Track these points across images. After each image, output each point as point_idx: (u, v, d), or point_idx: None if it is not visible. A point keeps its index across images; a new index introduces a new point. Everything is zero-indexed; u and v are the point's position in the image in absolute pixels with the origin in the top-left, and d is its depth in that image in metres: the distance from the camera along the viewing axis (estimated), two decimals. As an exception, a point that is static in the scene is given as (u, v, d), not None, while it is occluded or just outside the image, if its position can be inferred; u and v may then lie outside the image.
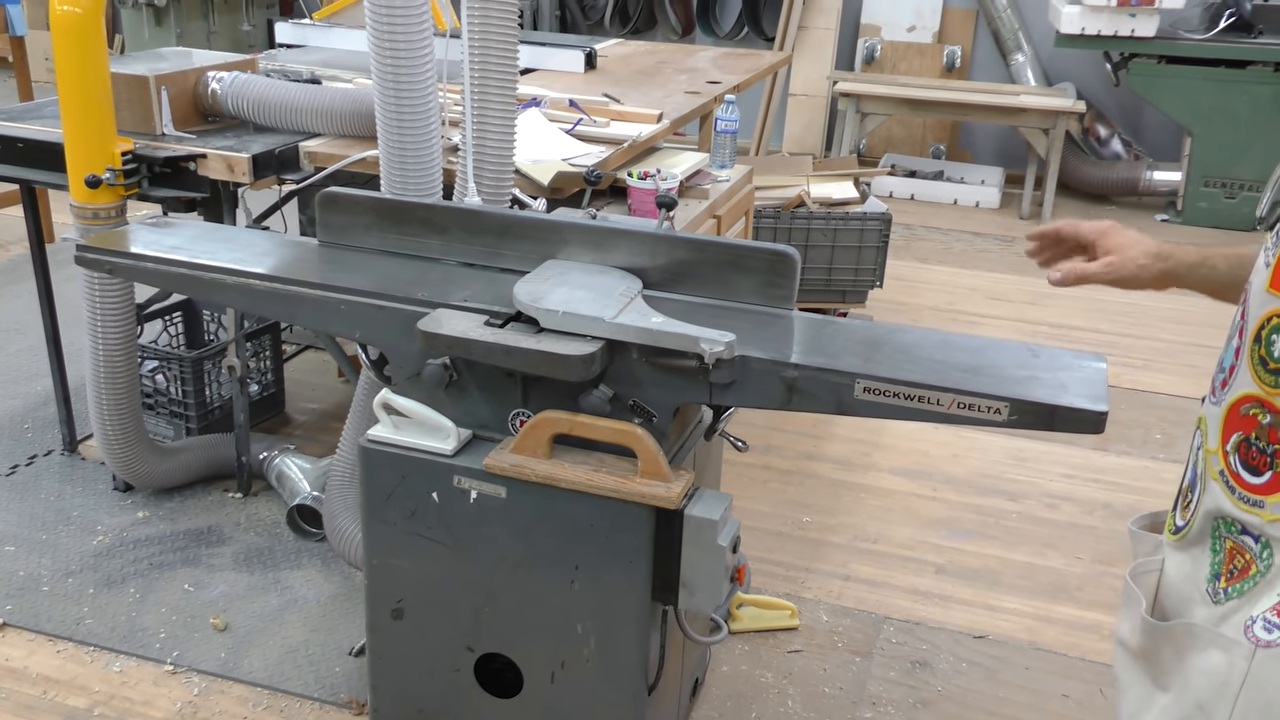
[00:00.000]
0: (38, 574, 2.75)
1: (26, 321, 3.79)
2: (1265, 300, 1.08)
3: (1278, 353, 1.05)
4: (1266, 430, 1.07)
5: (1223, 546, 1.15)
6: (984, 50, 6.58)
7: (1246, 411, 1.09)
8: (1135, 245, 1.48)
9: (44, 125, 2.87)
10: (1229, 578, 1.13)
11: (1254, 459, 1.09)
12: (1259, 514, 1.09)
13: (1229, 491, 1.12)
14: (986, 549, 3.01)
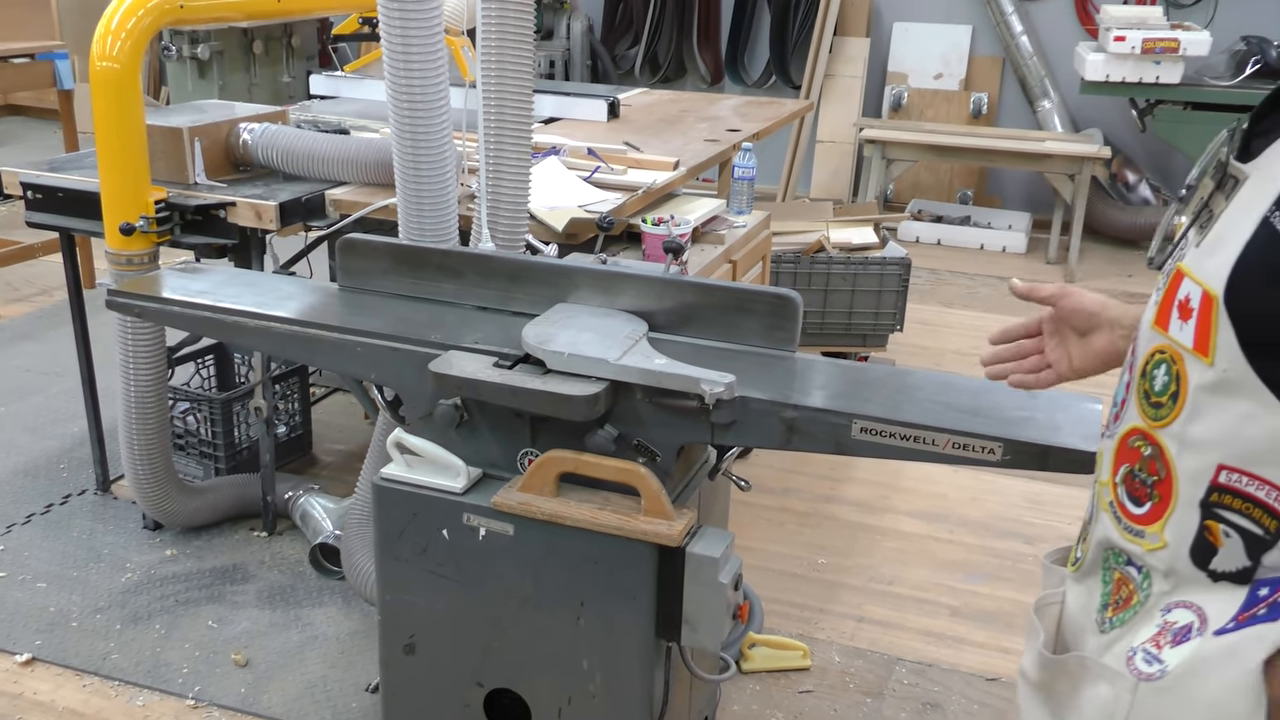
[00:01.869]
0: (68, 610, 2.82)
1: (66, 364, 3.90)
2: (1150, 337, 1.11)
3: (1158, 386, 1.08)
4: (1148, 462, 1.10)
5: (1111, 577, 1.17)
6: (1011, 97, 6.63)
7: (1133, 444, 1.13)
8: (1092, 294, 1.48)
9: (83, 175, 2.99)
10: (1115, 607, 1.16)
11: (1137, 490, 1.12)
12: (1140, 543, 1.12)
13: (1116, 522, 1.15)
14: (1001, 591, 3.01)
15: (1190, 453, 1.05)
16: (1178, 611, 1.08)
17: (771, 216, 3.48)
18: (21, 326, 4.64)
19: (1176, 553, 1.07)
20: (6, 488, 3.39)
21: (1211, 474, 1.03)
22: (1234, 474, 1.02)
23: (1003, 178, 6.77)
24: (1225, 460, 1.02)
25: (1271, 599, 1.02)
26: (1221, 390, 1.01)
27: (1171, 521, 1.07)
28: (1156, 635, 1.09)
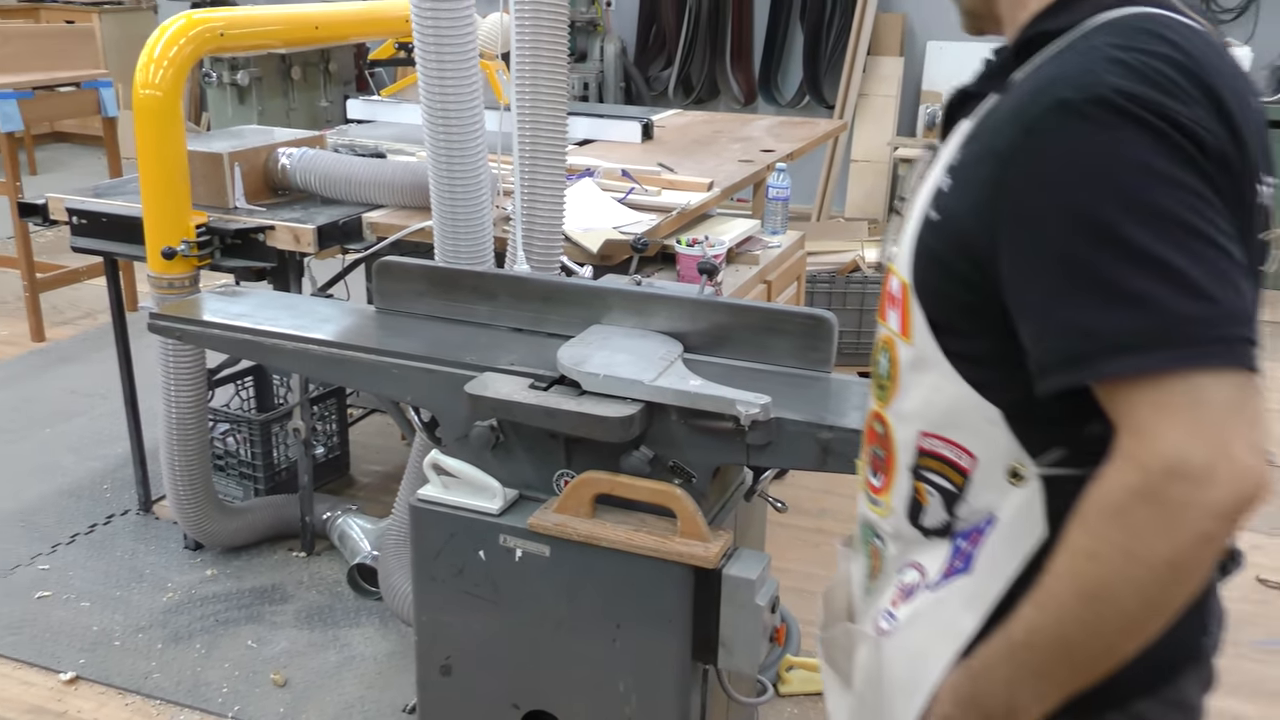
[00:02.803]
0: (110, 629, 2.86)
1: (109, 386, 3.96)
2: (877, 330, 1.23)
3: (882, 371, 1.20)
4: (881, 440, 1.21)
5: (869, 550, 1.27)
6: (1047, 114, 6.58)
7: (872, 425, 1.23)
8: None
9: (126, 200, 3.04)
10: (873, 577, 1.26)
11: (876, 465, 1.22)
12: (878, 512, 1.22)
13: (865, 498, 1.26)
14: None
15: (902, 425, 1.16)
16: (908, 571, 1.18)
17: (806, 236, 3.47)
18: (66, 349, 4.71)
19: (899, 516, 1.18)
20: (52, 508, 3.44)
21: (916, 441, 1.14)
22: (930, 439, 1.12)
23: (1040, 195, 6.72)
24: (924, 428, 1.13)
25: (966, 551, 1.11)
26: (918, 367, 1.12)
27: (894, 488, 1.18)
28: (895, 596, 1.19)
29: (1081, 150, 0.95)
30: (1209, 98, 0.98)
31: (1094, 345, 0.94)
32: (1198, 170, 0.95)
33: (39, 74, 4.82)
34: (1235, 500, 0.91)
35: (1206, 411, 0.91)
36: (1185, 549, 0.91)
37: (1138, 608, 0.94)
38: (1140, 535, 0.92)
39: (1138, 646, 0.97)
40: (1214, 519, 0.90)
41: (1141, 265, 0.93)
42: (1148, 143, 0.95)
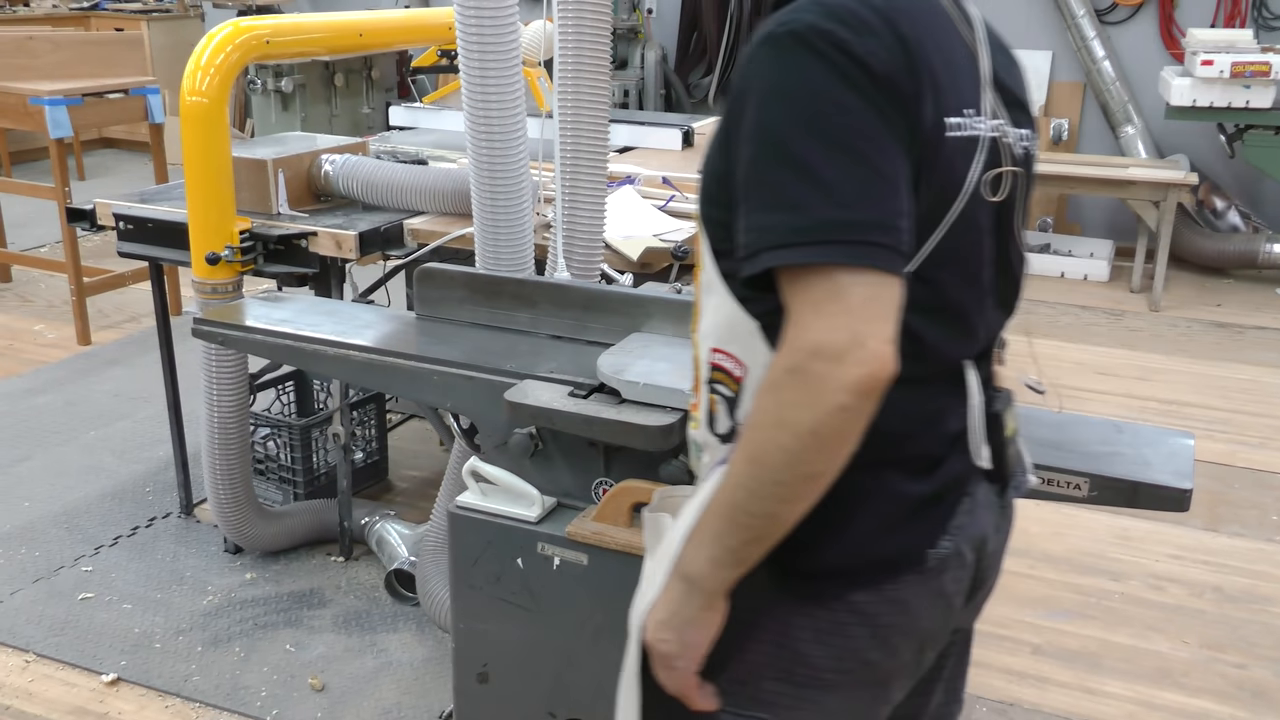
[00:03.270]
0: (151, 631, 2.88)
1: (153, 390, 4.00)
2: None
3: (689, 298, 1.43)
4: (693, 362, 1.35)
5: (695, 463, 1.41)
6: (1092, 123, 6.52)
7: (693, 354, 1.35)
8: None
9: (172, 206, 3.07)
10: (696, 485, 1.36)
11: (694, 388, 1.36)
12: (694, 425, 1.36)
13: (691, 419, 1.40)
14: (1086, 630, 2.93)
15: (702, 344, 1.29)
16: (714, 473, 1.25)
17: (847, 245, 3.45)
18: (111, 352, 4.77)
19: (704, 426, 1.31)
20: (95, 510, 3.48)
21: (708, 357, 1.27)
22: (716, 353, 1.26)
23: (1083, 205, 6.65)
24: (713, 344, 1.26)
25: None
26: (707, 289, 1.26)
27: (701, 402, 1.31)
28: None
29: (768, 74, 1.12)
30: (891, 33, 1.12)
31: (762, 241, 1.09)
32: (861, 93, 1.09)
33: (88, 81, 4.90)
34: (866, 379, 1.05)
35: (844, 304, 1.06)
36: (824, 418, 1.05)
37: (787, 472, 1.08)
38: (787, 406, 1.07)
39: (794, 512, 1.11)
40: (848, 393, 1.05)
41: (800, 176, 1.08)
42: (820, 68, 1.10)
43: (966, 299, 1.24)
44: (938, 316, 1.20)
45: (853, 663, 1.24)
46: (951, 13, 1.24)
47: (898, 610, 1.23)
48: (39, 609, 2.97)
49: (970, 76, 1.23)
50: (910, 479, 1.21)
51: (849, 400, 1.05)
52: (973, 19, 1.27)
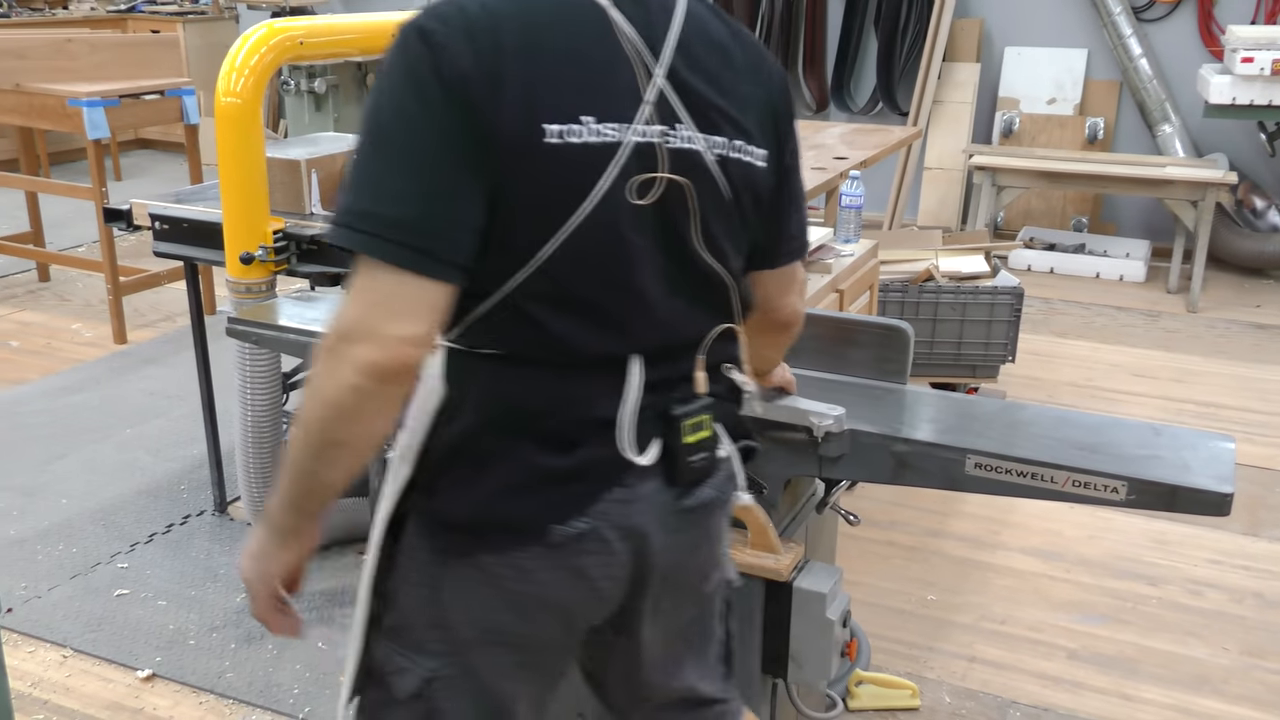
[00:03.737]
0: (185, 628, 2.91)
1: (188, 388, 4.03)
2: None
3: None
4: None
5: None
6: (1129, 122, 6.44)
7: None
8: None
9: (206, 206, 3.10)
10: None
11: None
12: None
13: None
14: (1122, 635, 2.90)
15: None
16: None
17: (879, 245, 3.43)
18: (147, 351, 4.82)
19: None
20: (131, 507, 3.51)
21: None
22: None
23: (1119, 205, 6.58)
24: None
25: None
26: None
27: None
28: None
29: (384, 62, 1.21)
30: (489, 39, 1.18)
31: (332, 218, 1.21)
32: (424, 101, 1.18)
33: (125, 82, 4.94)
34: (375, 365, 1.16)
35: (371, 294, 1.18)
36: (340, 394, 1.18)
37: (317, 437, 1.22)
38: (316, 378, 1.20)
39: (332, 473, 1.25)
40: (359, 375, 1.16)
41: (361, 166, 1.20)
42: (400, 69, 1.19)
43: (606, 298, 1.27)
44: (566, 310, 1.26)
45: (486, 623, 1.33)
46: (611, 25, 1.24)
47: (522, 578, 1.30)
48: (76, 605, 3.00)
49: (616, 86, 1.24)
50: (543, 452, 1.27)
51: (360, 381, 1.17)
52: (650, 30, 1.26)
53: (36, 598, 3.03)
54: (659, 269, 1.30)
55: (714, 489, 1.39)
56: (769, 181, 1.37)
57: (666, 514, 1.34)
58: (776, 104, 1.37)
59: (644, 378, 1.30)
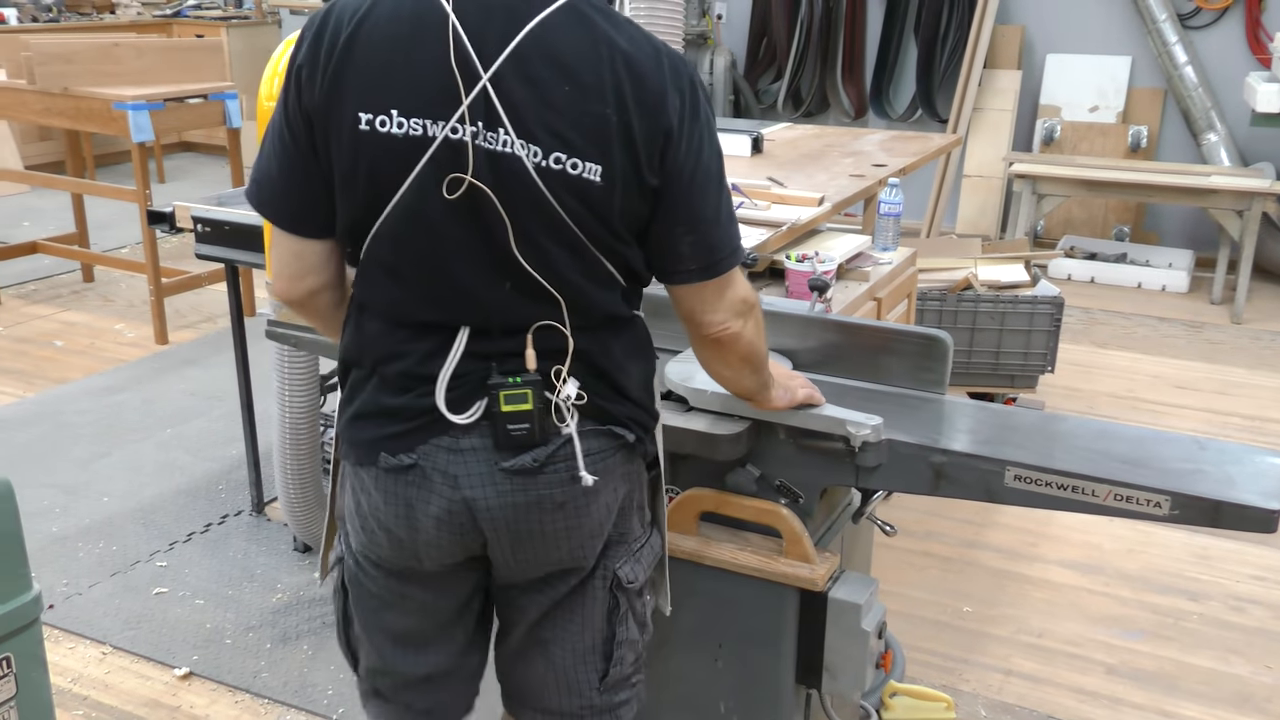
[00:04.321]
0: (222, 627, 2.93)
1: (227, 389, 4.08)
2: None
3: None
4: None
5: None
6: (1173, 130, 6.36)
7: None
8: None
9: (248, 209, 3.12)
10: None
11: None
12: None
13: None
14: (1163, 650, 2.85)
15: None
16: None
17: (918, 253, 3.40)
18: (188, 352, 4.88)
19: None
20: (170, 506, 3.55)
21: None
22: None
23: (1162, 214, 6.50)
24: None
25: None
26: None
27: None
28: None
29: None
30: (331, 31, 1.39)
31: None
32: (285, 82, 1.42)
33: (169, 86, 5.00)
34: (275, 295, 1.59)
35: (274, 251, 1.54)
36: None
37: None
38: None
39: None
40: (276, 299, 1.58)
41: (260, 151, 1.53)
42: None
43: (427, 277, 1.44)
44: (396, 278, 1.45)
45: (357, 521, 1.58)
46: (449, 30, 1.35)
47: (365, 493, 1.54)
48: (116, 602, 3.04)
49: (434, 85, 1.36)
50: (384, 392, 1.49)
51: (276, 305, 1.57)
52: (485, 38, 1.35)
53: (77, 594, 3.07)
54: (481, 260, 1.42)
55: (534, 459, 1.47)
56: (611, 200, 1.40)
57: (493, 472, 1.48)
58: (635, 127, 1.38)
59: (467, 347, 1.46)
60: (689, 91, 1.42)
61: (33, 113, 5.08)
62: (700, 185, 1.45)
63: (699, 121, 1.43)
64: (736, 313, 1.53)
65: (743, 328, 1.55)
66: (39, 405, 4.30)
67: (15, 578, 1.76)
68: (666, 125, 1.39)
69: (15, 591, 1.76)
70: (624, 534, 1.62)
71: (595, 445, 1.51)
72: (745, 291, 1.55)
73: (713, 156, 1.46)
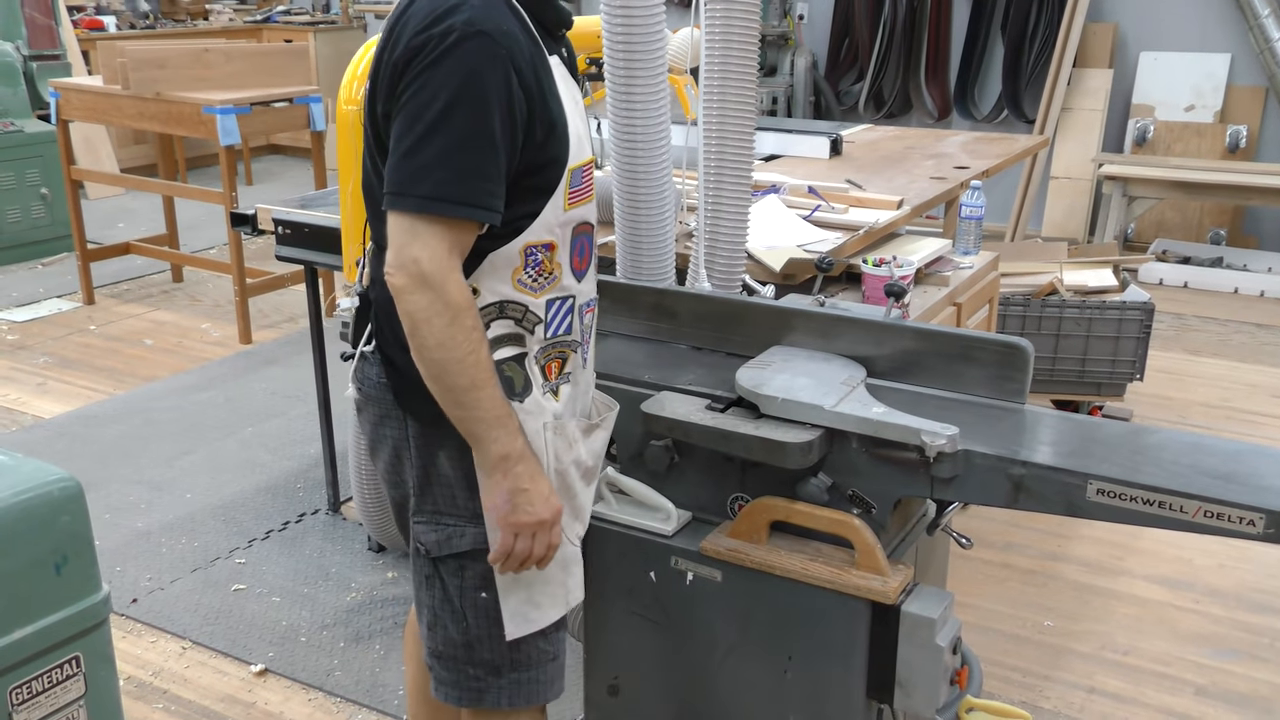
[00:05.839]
0: (297, 625, 2.97)
1: (306, 389, 4.14)
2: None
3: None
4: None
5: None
6: (1274, 129, 6.13)
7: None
8: None
9: (326, 212, 3.17)
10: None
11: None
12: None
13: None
14: (1257, 672, 2.74)
15: None
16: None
17: (1000, 257, 3.32)
18: (270, 351, 4.97)
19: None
20: (250, 504, 3.61)
21: None
22: None
23: (1262, 217, 6.26)
24: None
25: None
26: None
27: None
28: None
29: None
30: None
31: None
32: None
33: (257, 90, 5.11)
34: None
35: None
36: None
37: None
38: None
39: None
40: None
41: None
42: None
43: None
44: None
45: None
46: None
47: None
48: (196, 598, 3.10)
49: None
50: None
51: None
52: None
53: (160, 589, 3.14)
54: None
55: (344, 355, 1.78)
56: (371, 124, 1.59)
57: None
58: (384, 59, 1.54)
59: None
60: (440, 40, 1.47)
61: (127, 117, 5.22)
62: (410, 117, 1.49)
63: (436, 68, 1.47)
64: (402, 267, 1.50)
65: (404, 289, 1.50)
66: (128, 403, 4.41)
67: (85, 579, 1.79)
68: (394, 57, 1.52)
69: (85, 592, 1.79)
70: (410, 490, 1.70)
71: (367, 371, 1.70)
72: (421, 255, 1.49)
73: (431, 100, 1.48)
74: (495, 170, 1.51)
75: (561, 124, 1.60)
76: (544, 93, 1.57)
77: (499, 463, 1.57)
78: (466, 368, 1.51)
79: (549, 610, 1.74)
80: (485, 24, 1.48)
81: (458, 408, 1.55)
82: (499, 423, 1.55)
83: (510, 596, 1.70)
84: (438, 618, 1.74)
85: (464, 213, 1.50)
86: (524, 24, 1.57)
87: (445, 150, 1.48)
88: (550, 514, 1.61)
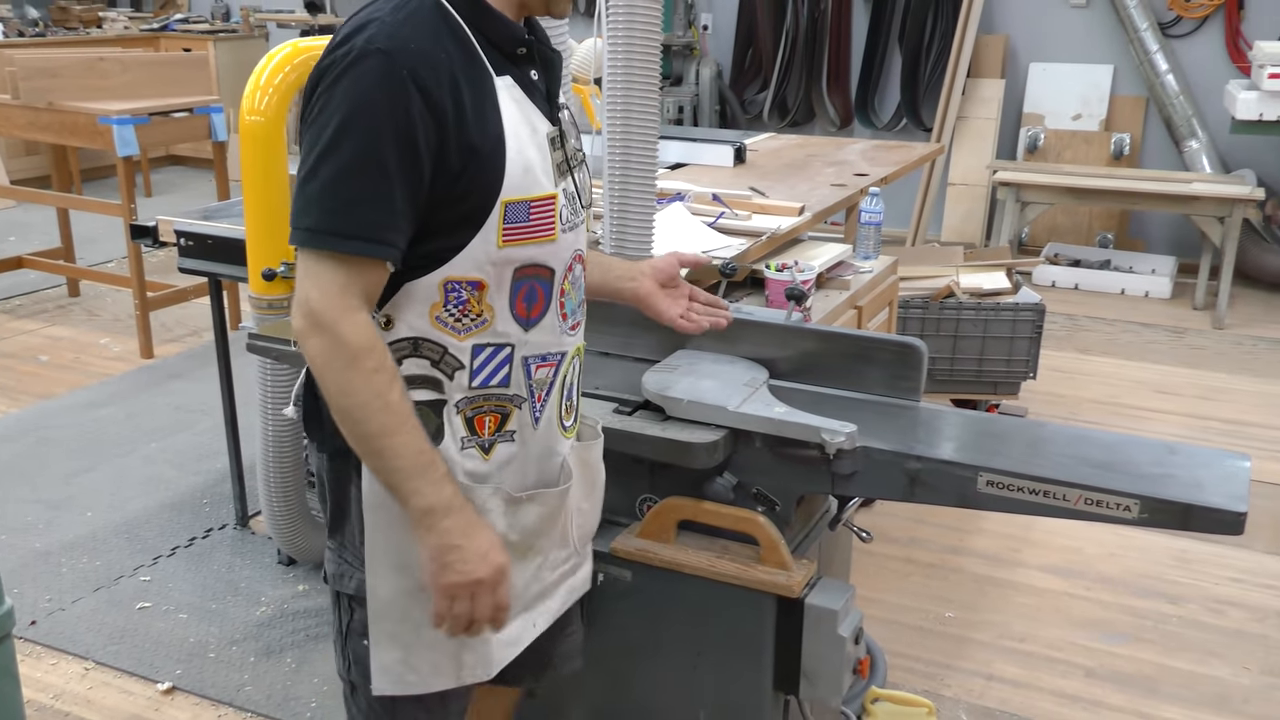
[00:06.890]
0: (205, 641, 2.93)
1: (212, 403, 4.07)
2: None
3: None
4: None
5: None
6: (1155, 138, 6.41)
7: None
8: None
9: (231, 223, 3.14)
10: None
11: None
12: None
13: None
14: (1143, 654, 2.87)
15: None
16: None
17: (900, 261, 3.42)
18: (173, 366, 4.88)
19: None
20: (155, 520, 3.55)
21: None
22: None
23: (1146, 221, 6.54)
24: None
25: None
26: None
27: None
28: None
29: None
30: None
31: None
32: None
33: (155, 100, 5.01)
34: None
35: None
36: None
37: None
38: None
39: None
40: None
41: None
42: None
43: None
44: None
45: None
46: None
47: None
48: (99, 617, 3.03)
49: None
50: None
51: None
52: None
53: (60, 610, 3.07)
54: None
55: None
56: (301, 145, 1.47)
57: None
58: (307, 84, 1.47)
59: None
60: (340, 60, 1.39)
61: (18, 127, 5.08)
62: (308, 143, 1.41)
63: (333, 91, 1.38)
64: (298, 306, 1.38)
65: (300, 332, 1.39)
66: (22, 421, 4.29)
67: (-11, 594, 1.76)
68: (311, 86, 1.45)
69: (-11, 607, 1.76)
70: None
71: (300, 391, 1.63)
72: (312, 295, 1.37)
73: (325, 125, 1.38)
74: (387, 201, 1.36)
75: (491, 151, 1.42)
76: (464, 117, 1.40)
77: (422, 517, 1.41)
78: (372, 413, 1.37)
79: (429, 678, 1.56)
80: (389, 41, 1.37)
81: (371, 456, 1.41)
82: (419, 472, 1.39)
83: (384, 650, 1.55)
84: (334, 646, 1.68)
85: (351, 247, 1.35)
86: (463, 40, 1.43)
87: (332, 180, 1.36)
88: (489, 573, 1.43)
